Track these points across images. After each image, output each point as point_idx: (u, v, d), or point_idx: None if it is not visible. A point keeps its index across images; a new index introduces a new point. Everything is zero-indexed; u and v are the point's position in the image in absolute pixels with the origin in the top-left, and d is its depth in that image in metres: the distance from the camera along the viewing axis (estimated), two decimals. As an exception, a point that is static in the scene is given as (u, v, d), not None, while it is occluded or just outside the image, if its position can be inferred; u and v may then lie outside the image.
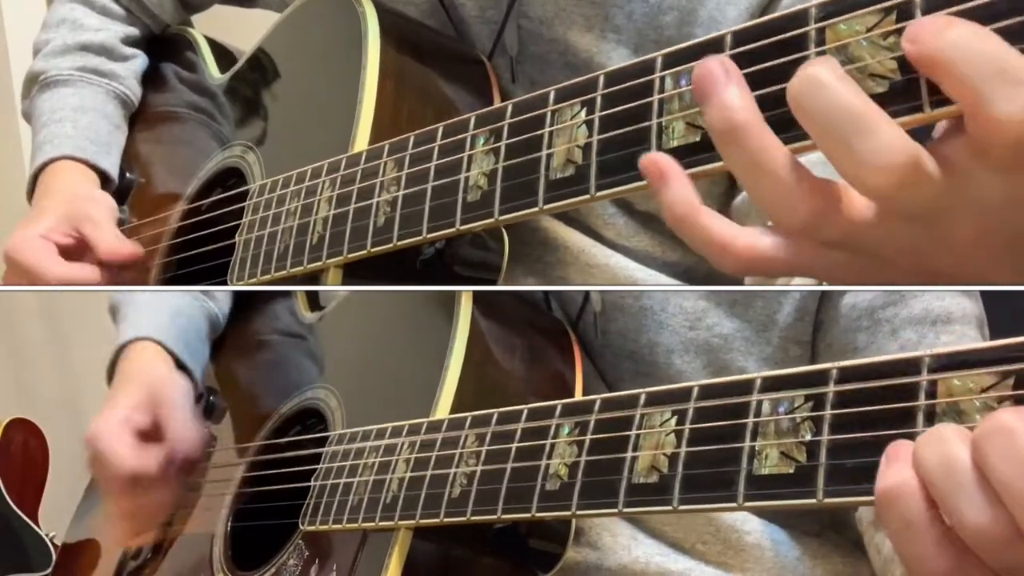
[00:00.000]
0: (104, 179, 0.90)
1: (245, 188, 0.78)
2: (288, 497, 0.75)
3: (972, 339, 0.66)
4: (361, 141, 0.67)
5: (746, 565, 0.67)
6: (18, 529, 1.67)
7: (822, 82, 0.38)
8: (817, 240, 0.39)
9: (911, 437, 0.38)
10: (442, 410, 0.64)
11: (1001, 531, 0.34)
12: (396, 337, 0.75)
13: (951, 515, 0.36)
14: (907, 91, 0.37)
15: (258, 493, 0.81)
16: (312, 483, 0.70)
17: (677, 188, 0.41)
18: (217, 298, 0.92)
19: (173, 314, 0.86)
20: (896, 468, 0.37)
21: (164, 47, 0.97)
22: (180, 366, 0.83)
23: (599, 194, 0.48)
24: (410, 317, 0.74)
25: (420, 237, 0.59)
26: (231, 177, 0.83)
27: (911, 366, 0.40)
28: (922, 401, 0.39)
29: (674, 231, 0.42)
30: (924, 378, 0.39)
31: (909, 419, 0.39)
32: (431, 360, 0.67)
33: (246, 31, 0.97)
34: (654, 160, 0.42)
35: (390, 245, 0.61)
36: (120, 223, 0.94)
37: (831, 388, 0.42)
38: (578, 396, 0.69)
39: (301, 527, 0.70)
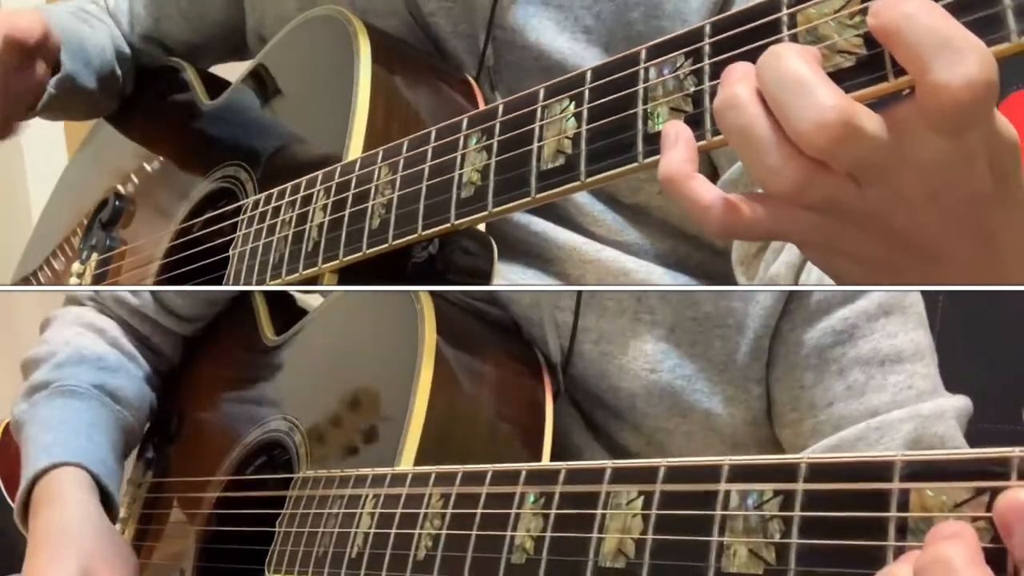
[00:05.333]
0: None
1: (238, 204, 0.80)
2: (254, 534, 0.75)
3: (922, 376, 0.68)
4: (354, 152, 0.69)
5: None
6: (17, 530, 1.65)
7: (778, 53, 0.42)
8: (800, 204, 0.42)
9: (883, 551, 0.38)
10: (409, 449, 0.64)
11: None
12: (360, 369, 0.75)
13: None
14: (872, 63, 0.41)
15: (226, 528, 0.81)
16: (277, 529, 0.70)
17: (683, 149, 0.44)
18: (133, 406, 0.88)
19: (90, 429, 0.81)
20: None
21: (154, 77, 1.00)
22: (104, 494, 0.79)
23: (588, 180, 0.51)
24: (374, 346, 0.75)
25: (415, 235, 0.61)
26: (223, 197, 0.86)
27: (884, 470, 0.40)
28: (894, 513, 0.39)
29: (663, 189, 0.45)
30: (896, 486, 0.39)
31: (880, 531, 0.39)
32: (396, 393, 0.67)
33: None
34: (676, 124, 0.45)
35: (386, 245, 0.63)
36: (110, 248, 0.96)
37: (800, 485, 0.42)
38: (548, 428, 0.70)
39: (267, 575, 0.70)
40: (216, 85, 0.96)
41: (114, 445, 0.84)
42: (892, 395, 0.67)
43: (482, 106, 0.77)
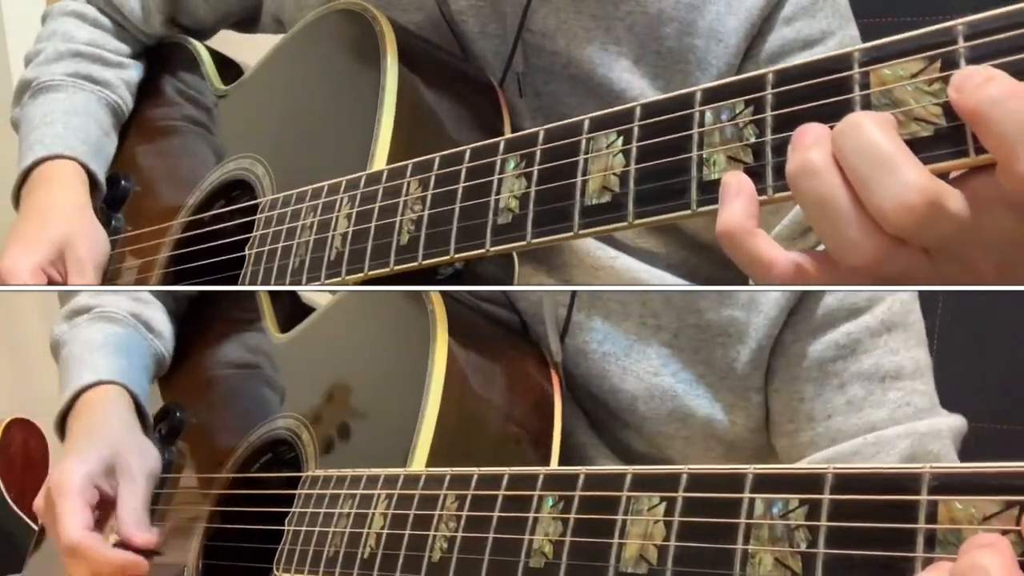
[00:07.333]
0: (93, 183, 0.89)
1: (254, 202, 0.78)
2: (260, 532, 0.74)
3: (920, 394, 0.69)
4: (380, 160, 0.68)
5: None
6: (18, 530, 1.64)
7: (859, 123, 0.40)
8: (871, 275, 0.41)
9: (911, 562, 0.38)
10: (421, 449, 0.64)
11: None
12: (370, 368, 0.74)
13: None
14: (952, 136, 0.39)
15: (231, 525, 0.80)
16: (286, 527, 0.70)
17: (744, 204, 0.43)
18: (164, 336, 0.91)
19: (130, 353, 0.86)
20: None
21: (164, 56, 0.97)
22: (139, 410, 0.83)
23: (637, 221, 0.49)
24: (385, 346, 0.74)
25: (447, 257, 0.60)
26: (235, 189, 0.84)
27: (912, 482, 0.39)
28: (922, 524, 0.39)
29: (721, 243, 0.43)
30: (924, 498, 0.39)
31: (909, 542, 0.39)
32: (408, 393, 0.67)
33: (245, 44, 0.98)
34: (738, 176, 0.44)
35: (415, 264, 0.62)
36: (115, 231, 0.94)
37: (826, 496, 0.42)
38: (557, 428, 0.70)
39: (276, 573, 0.69)
40: (228, 66, 0.93)
41: (147, 370, 0.88)
42: (890, 411, 0.68)
43: (506, 113, 0.76)
